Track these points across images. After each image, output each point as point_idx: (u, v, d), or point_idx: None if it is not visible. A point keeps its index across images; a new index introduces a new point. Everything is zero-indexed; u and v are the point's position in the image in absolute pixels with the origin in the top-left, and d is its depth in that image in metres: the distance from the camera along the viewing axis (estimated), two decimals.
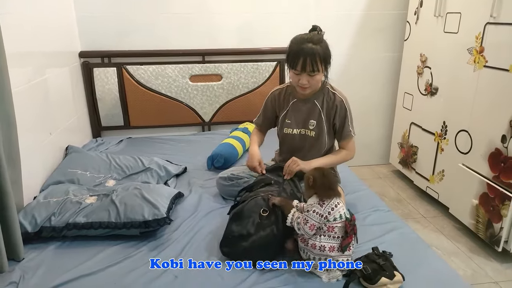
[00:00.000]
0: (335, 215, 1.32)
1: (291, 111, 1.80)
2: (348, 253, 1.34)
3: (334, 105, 1.75)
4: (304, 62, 1.59)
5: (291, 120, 1.80)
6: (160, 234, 1.62)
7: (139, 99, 2.77)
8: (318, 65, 1.60)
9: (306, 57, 1.58)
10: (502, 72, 1.97)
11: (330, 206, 1.32)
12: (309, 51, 1.58)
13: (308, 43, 1.60)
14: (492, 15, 2.00)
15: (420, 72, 2.70)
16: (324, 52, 1.61)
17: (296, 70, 1.63)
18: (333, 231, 1.31)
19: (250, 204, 1.47)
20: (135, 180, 2.00)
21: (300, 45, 1.61)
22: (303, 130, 1.79)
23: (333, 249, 1.31)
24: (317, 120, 1.76)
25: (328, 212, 1.31)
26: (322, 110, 1.75)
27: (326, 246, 1.31)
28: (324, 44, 1.63)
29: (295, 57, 1.61)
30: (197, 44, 2.78)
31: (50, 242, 1.55)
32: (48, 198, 1.65)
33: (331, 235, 1.31)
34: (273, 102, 1.86)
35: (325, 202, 1.33)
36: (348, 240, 1.31)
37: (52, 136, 2.11)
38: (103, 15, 2.62)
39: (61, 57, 2.37)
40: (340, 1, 2.89)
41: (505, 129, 1.96)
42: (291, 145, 1.83)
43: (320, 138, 1.77)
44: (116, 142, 2.69)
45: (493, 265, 2.06)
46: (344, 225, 1.32)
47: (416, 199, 2.79)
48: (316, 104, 1.76)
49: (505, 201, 1.97)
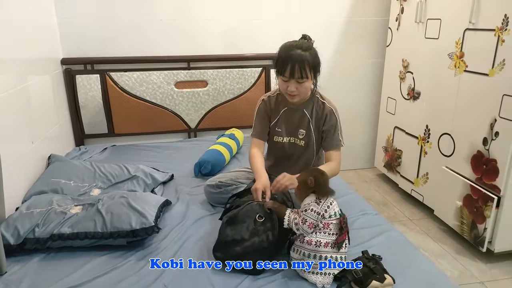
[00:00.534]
0: (331, 212, 1.35)
1: (282, 119, 1.79)
2: (343, 250, 1.35)
3: (323, 114, 1.74)
4: (292, 68, 1.58)
5: (281, 129, 1.79)
6: (148, 243, 1.59)
7: (124, 106, 2.73)
8: (306, 72, 1.59)
9: (294, 63, 1.57)
10: (482, 77, 2.03)
11: (326, 204, 1.36)
12: (297, 57, 1.58)
13: (297, 49, 1.59)
14: (471, 21, 2.06)
15: (402, 77, 2.76)
16: (313, 59, 1.61)
17: (284, 77, 1.62)
18: (328, 227, 1.34)
19: (245, 209, 1.46)
20: (121, 188, 1.96)
21: (288, 51, 1.60)
22: (292, 139, 1.78)
23: (327, 245, 1.33)
24: (306, 129, 1.75)
25: (325, 210, 1.35)
26: (311, 119, 1.75)
27: (322, 241, 1.33)
28: (313, 51, 1.63)
29: (283, 63, 1.60)
30: (182, 50, 2.77)
31: (34, 254, 1.50)
32: (31, 208, 1.60)
33: (327, 232, 1.34)
34: (266, 107, 1.81)
35: (322, 200, 1.36)
36: (343, 237, 1.34)
37: (34, 145, 2.06)
38: (85, 21, 2.58)
39: (42, 64, 2.32)
40: (323, 8, 2.93)
41: (486, 131, 2.02)
42: (280, 153, 1.82)
43: (309, 147, 1.77)
44: (100, 150, 2.64)
45: (478, 266, 2.10)
46: (339, 222, 1.35)
47: (402, 202, 2.83)
48: (306, 113, 1.75)
49: (488, 202, 2.02)
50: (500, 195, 1.98)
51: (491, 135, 1.99)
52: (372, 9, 3.02)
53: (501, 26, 1.89)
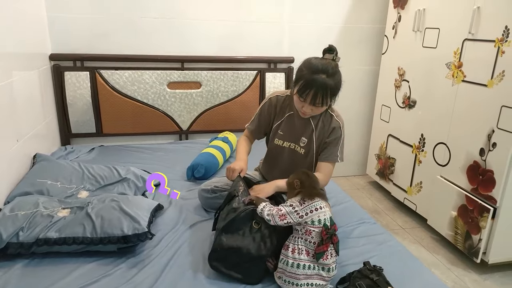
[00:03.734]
0: (313, 218, 1.29)
1: (286, 123, 1.73)
2: (325, 262, 1.26)
3: (330, 127, 1.67)
4: (314, 95, 1.49)
5: (283, 132, 1.73)
6: (140, 250, 1.51)
7: (113, 106, 2.64)
8: (327, 100, 1.52)
9: (317, 91, 1.48)
10: (480, 87, 2.03)
11: (309, 207, 1.31)
12: (321, 84, 1.47)
13: (322, 75, 1.48)
14: (471, 31, 2.07)
15: (398, 85, 2.75)
16: (335, 85, 1.51)
17: (303, 100, 1.53)
18: (310, 235, 1.29)
19: (241, 216, 1.40)
20: (110, 191, 1.87)
21: (313, 75, 1.48)
22: (293, 145, 1.73)
23: (308, 254, 1.28)
24: (308, 139, 1.70)
25: (306, 212, 1.30)
26: (315, 130, 1.69)
27: (302, 249, 1.29)
28: (338, 76, 1.52)
29: (305, 87, 1.49)
30: (177, 50, 2.70)
31: (17, 259, 1.41)
32: (15, 210, 1.51)
33: (308, 239, 1.29)
34: (270, 108, 1.76)
35: (306, 202, 1.32)
36: (323, 248, 1.26)
37: (18, 143, 1.96)
38: (76, 15, 2.49)
39: (30, 59, 2.22)
40: (318, 13, 2.91)
41: (484, 142, 2.01)
42: (279, 158, 1.77)
43: (309, 156, 1.72)
44: (87, 150, 2.54)
45: (472, 277, 2.09)
46: (321, 232, 1.28)
47: (394, 210, 2.81)
48: (311, 122, 1.69)
49: (484, 213, 2.01)
50: (496, 206, 1.97)
51: (489, 145, 1.98)
52: (369, 16, 3.01)
53: (502, 38, 1.89)
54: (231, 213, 1.43)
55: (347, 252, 1.51)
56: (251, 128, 1.81)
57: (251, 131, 1.82)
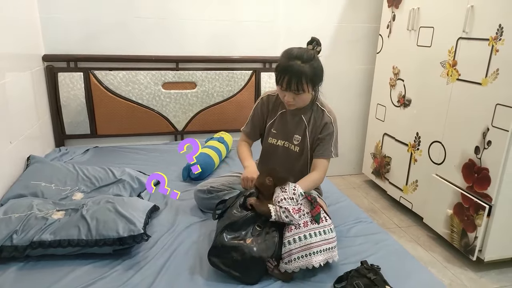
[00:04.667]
0: (297, 193, 1.41)
1: (278, 121, 1.74)
2: (325, 223, 1.38)
3: (322, 123, 1.67)
4: (289, 81, 1.52)
5: (277, 131, 1.74)
6: (136, 252, 1.50)
7: (108, 106, 2.62)
8: (303, 86, 1.53)
9: (291, 76, 1.51)
10: (475, 86, 2.04)
11: (290, 189, 1.42)
12: (295, 70, 1.50)
13: (297, 61, 1.51)
14: (465, 30, 2.07)
15: (393, 84, 2.75)
16: (312, 71, 1.52)
17: (281, 87, 1.57)
18: (300, 211, 1.38)
19: (246, 217, 1.40)
20: (105, 192, 1.85)
21: (288, 61, 1.52)
22: (287, 143, 1.73)
23: (307, 224, 1.37)
24: (302, 136, 1.70)
25: (293, 193, 1.40)
26: (308, 127, 1.69)
27: (300, 223, 1.37)
28: (314, 62, 1.54)
29: (281, 74, 1.54)
30: (171, 50, 2.68)
31: (11, 263, 1.39)
32: (9, 213, 1.49)
33: (300, 214, 1.38)
34: (262, 107, 1.77)
35: (285, 187, 1.43)
36: (316, 210, 1.38)
37: (12, 145, 1.93)
38: (69, 16, 2.46)
39: (23, 60, 2.19)
40: (313, 13, 2.90)
41: (479, 140, 2.02)
42: (273, 157, 1.76)
43: (304, 154, 1.71)
44: (82, 151, 2.52)
45: (468, 274, 2.10)
46: (306, 200, 1.40)
47: (390, 209, 2.82)
48: (303, 119, 1.69)
49: (479, 211, 2.02)
50: (491, 204, 1.98)
51: (484, 144, 1.99)
52: (363, 15, 3.01)
53: (495, 36, 1.90)
54: (236, 213, 1.43)
55: (344, 251, 1.51)
56: (246, 130, 1.82)
57: (247, 134, 1.82)
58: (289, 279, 1.34)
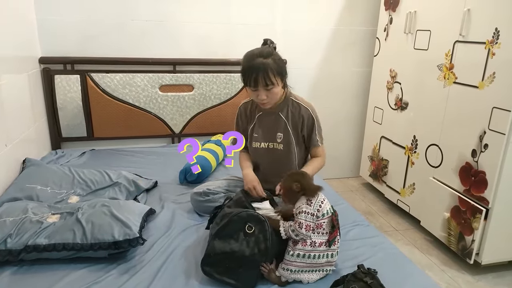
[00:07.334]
0: (323, 211, 1.34)
1: (258, 124, 1.78)
2: (334, 247, 1.36)
3: (300, 115, 1.72)
4: (256, 77, 1.56)
5: (258, 134, 1.77)
6: (131, 256, 1.49)
7: (104, 109, 2.61)
8: (271, 79, 1.57)
9: (258, 72, 1.55)
10: (471, 89, 2.04)
11: (317, 203, 1.34)
12: (260, 66, 1.55)
13: (259, 58, 1.57)
14: (462, 33, 2.08)
15: (390, 87, 2.76)
16: (276, 64, 1.58)
17: (251, 87, 1.61)
18: (321, 227, 1.33)
19: (234, 220, 1.38)
20: (101, 196, 1.85)
21: (250, 61, 1.58)
22: (271, 144, 1.76)
23: (321, 244, 1.33)
24: (284, 133, 1.73)
25: (317, 209, 1.33)
26: (287, 122, 1.73)
27: (316, 241, 1.33)
28: (275, 56, 1.60)
29: (247, 74, 1.58)
30: (168, 53, 2.68)
31: (5, 267, 1.38)
32: (4, 217, 1.48)
33: (320, 232, 1.34)
34: (242, 117, 1.83)
35: (312, 200, 1.35)
36: (334, 234, 1.34)
37: (7, 147, 1.92)
38: (66, 18, 2.46)
39: (19, 62, 2.19)
40: (311, 16, 2.91)
41: (475, 143, 2.02)
42: (260, 160, 1.80)
43: (289, 150, 1.74)
44: (78, 154, 2.51)
45: (465, 278, 2.09)
46: (331, 220, 1.34)
47: (387, 212, 2.82)
48: (281, 116, 1.73)
49: (476, 214, 2.02)
50: (488, 207, 1.98)
51: (480, 147, 1.99)
52: (360, 18, 3.02)
53: (492, 39, 1.90)
54: (224, 218, 1.42)
55: (341, 255, 1.49)
56: None
57: None
58: (285, 284, 1.34)
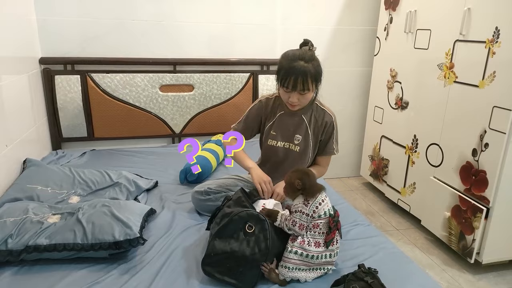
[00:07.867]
0: (320, 212, 1.34)
1: (277, 123, 1.75)
2: (332, 248, 1.36)
3: (323, 122, 1.73)
4: (295, 81, 1.55)
5: (276, 133, 1.75)
6: (132, 256, 1.49)
7: (105, 109, 2.61)
8: (309, 84, 1.57)
9: (297, 76, 1.54)
10: (472, 88, 2.04)
11: (314, 205, 1.34)
12: (300, 70, 1.54)
13: (300, 61, 1.55)
14: (462, 32, 2.07)
15: (390, 87, 2.75)
16: (315, 70, 1.57)
17: (286, 89, 1.59)
18: (317, 227, 1.34)
19: (234, 219, 1.38)
20: (102, 196, 1.85)
21: (291, 63, 1.55)
22: (287, 144, 1.74)
23: (318, 245, 1.34)
24: (304, 136, 1.73)
25: (313, 210, 1.34)
26: (309, 126, 1.73)
27: (311, 241, 1.34)
28: (316, 62, 1.59)
29: (286, 75, 1.56)
30: (168, 53, 2.68)
31: (5, 267, 1.38)
32: (4, 217, 1.48)
33: (316, 231, 1.34)
34: (259, 110, 1.79)
35: (310, 201, 1.35)
36: (331, 235, 1.34)
37: (8, 148, 1.93)
38: (66, 18, 2.46)
39: (19, 63, 2.19)
40: (309, 15, 2.90)
41: (476, 143, 2.02)
42: (274, 159, 1.78)
43: (305, 153, 1.74)
44: (79, 154, 2.51)
45: (466, 277, 2.09)
46: (328, 221, 1.34)
47: (388, 211, 2.81)
48: (304, 119, 1.73)
49: (477, 213, 2.01)
50: (489, 206, 1.98)
51: (481, 146, 1.99)
52: (360, 18, 3.02)
53: (492, 39, 1.90)
54: (224, 218, 1.42)
55: (342, 255, 1.50)
56: (236, 128, 1.83)
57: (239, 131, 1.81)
58: (285, 284, 1.34)
